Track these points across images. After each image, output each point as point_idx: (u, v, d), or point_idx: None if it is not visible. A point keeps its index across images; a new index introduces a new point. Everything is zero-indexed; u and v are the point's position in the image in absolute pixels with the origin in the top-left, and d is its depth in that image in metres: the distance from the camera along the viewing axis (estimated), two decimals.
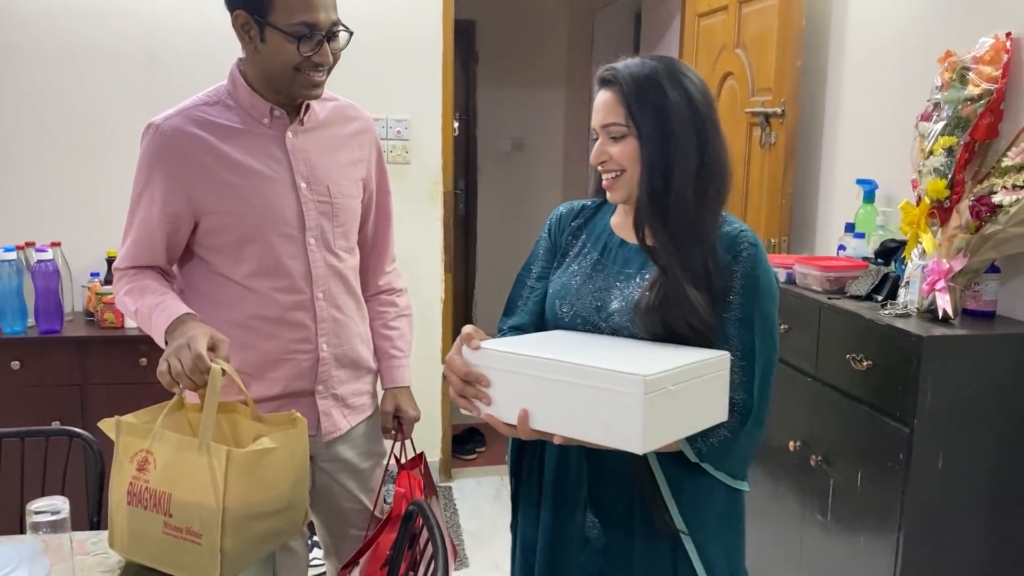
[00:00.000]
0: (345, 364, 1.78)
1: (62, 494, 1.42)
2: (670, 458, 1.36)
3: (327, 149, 1.76)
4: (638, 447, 1.16)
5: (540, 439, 1.30)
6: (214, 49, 3.29)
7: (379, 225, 1.91)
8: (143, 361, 2.99)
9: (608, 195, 1.45)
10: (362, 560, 1.72)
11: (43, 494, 1.73)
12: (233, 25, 1.63)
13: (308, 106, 1.73)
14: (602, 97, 1.41)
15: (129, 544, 1.48)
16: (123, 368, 2.98)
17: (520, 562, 1.55)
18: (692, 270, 1.34)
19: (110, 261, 3.14)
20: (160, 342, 1.60)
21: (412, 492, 1.75)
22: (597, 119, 1.42)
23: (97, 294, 3.07)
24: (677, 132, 1.36)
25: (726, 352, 1.31)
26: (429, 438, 3.76)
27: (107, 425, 1.49)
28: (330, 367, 1.76)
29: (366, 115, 1.89)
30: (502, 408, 1.28)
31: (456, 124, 4.22)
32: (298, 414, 1.52)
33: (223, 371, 1.45)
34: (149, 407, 1.54)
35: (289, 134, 1.70)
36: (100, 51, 3.26)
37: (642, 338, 1.37)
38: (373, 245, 1.91)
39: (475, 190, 5.60)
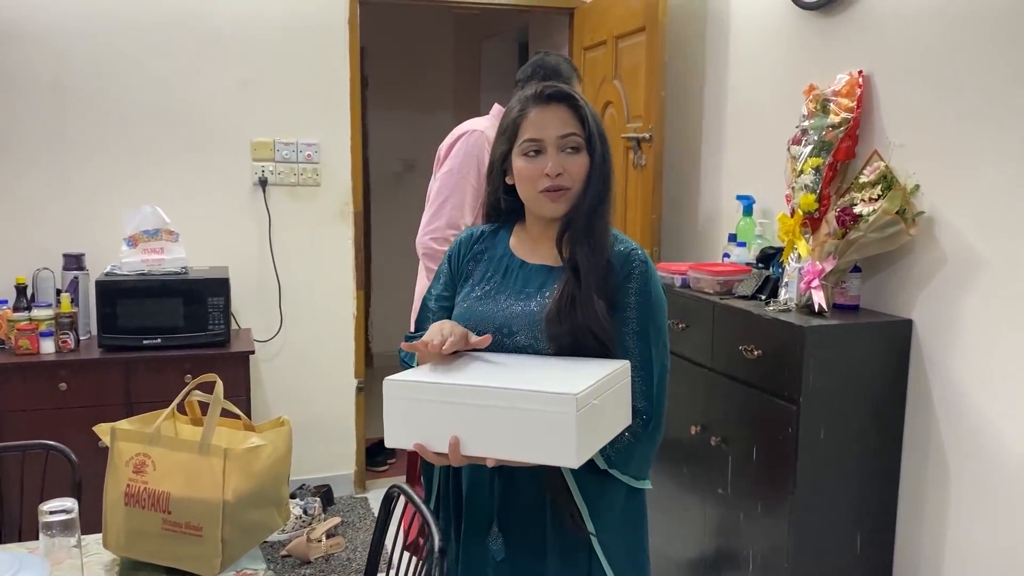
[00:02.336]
0: None
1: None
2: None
3: None
4: (573, 462, 1.21)
5: (471, 463, 1.31)
6: (119, 74, 3.36)
7: None
8: (63, 386, 3.00)
9: (550, 208, 1.46)
10: None
11: (22, 506, 1.80)
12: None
13: None
14: (553, 111, 1.45)
15: (126, 542, 1.59)
16: (41, 394, 2.98)
17: None
18: (599, 283, 1.43)
19: (19, 288, 3.12)
20: None
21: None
22: (551, 130, 1.44)
23: (9, 321, 3.04)
24: (609, 156, 1.48)
25: (627, 361, 1.41)
26: (344, 451, 3.89)
27: (102, 431, 1.60)
28: None
29: None
30: (431, 437, 1.28)
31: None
32: (284, 416, 1.68)
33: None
34: (140, 415, 1.65)
35: None
36: (6, 76, 3.24)
37: (546, 354, 1.43)
38: None
39: (369, 210, 5.73)
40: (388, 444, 1.34)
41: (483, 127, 2.61)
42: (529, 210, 1.54)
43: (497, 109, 2.69)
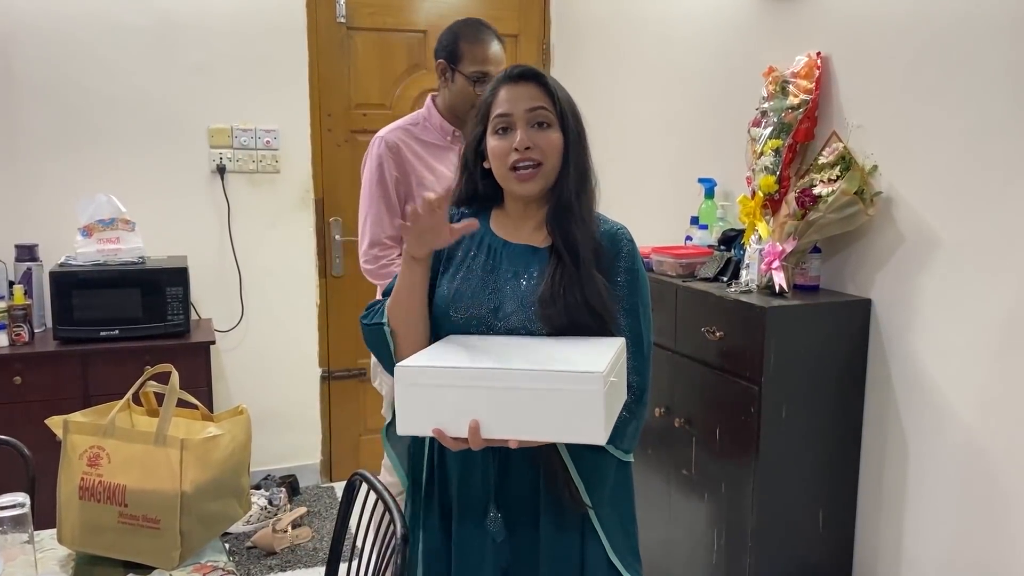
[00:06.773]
0: None
1: None
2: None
3: None
4: (601, 438, 1.22)
5: (488, 447, 1.30)
6: (70, 59, 3.27)
7: None
8: (17, 380, 2.94)
9: (522, 187, 1.45)
10: None
11: None
12: (436, 69, 2.48)
13: None
14: (522, 88, 1.45)
15: (81, 537, 1.56)
16: None
17: (425, 570, 1.55)
18: (594, 261, 1.44)
19: None
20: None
21: None
22: (519, 105, 1.44)
23: None
24: (585, 138, 1.50)
25: (623, 338, 1.42)
26: (310, 440, 3.86)
27: (54, 423, 1.56)
28: None
29: None
30: (449, 422, 1.27)
31: None
32: (243, 405, 1.65)
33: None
34: (94, 407, 1.62)
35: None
36: None
37: (539, 335, 1.42)
38: None
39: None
40: (401, 432, 1.31)
41: (385, 131, 2.48)
42: (506, 191, 1.52)
43: (428, 104, 2.61)
